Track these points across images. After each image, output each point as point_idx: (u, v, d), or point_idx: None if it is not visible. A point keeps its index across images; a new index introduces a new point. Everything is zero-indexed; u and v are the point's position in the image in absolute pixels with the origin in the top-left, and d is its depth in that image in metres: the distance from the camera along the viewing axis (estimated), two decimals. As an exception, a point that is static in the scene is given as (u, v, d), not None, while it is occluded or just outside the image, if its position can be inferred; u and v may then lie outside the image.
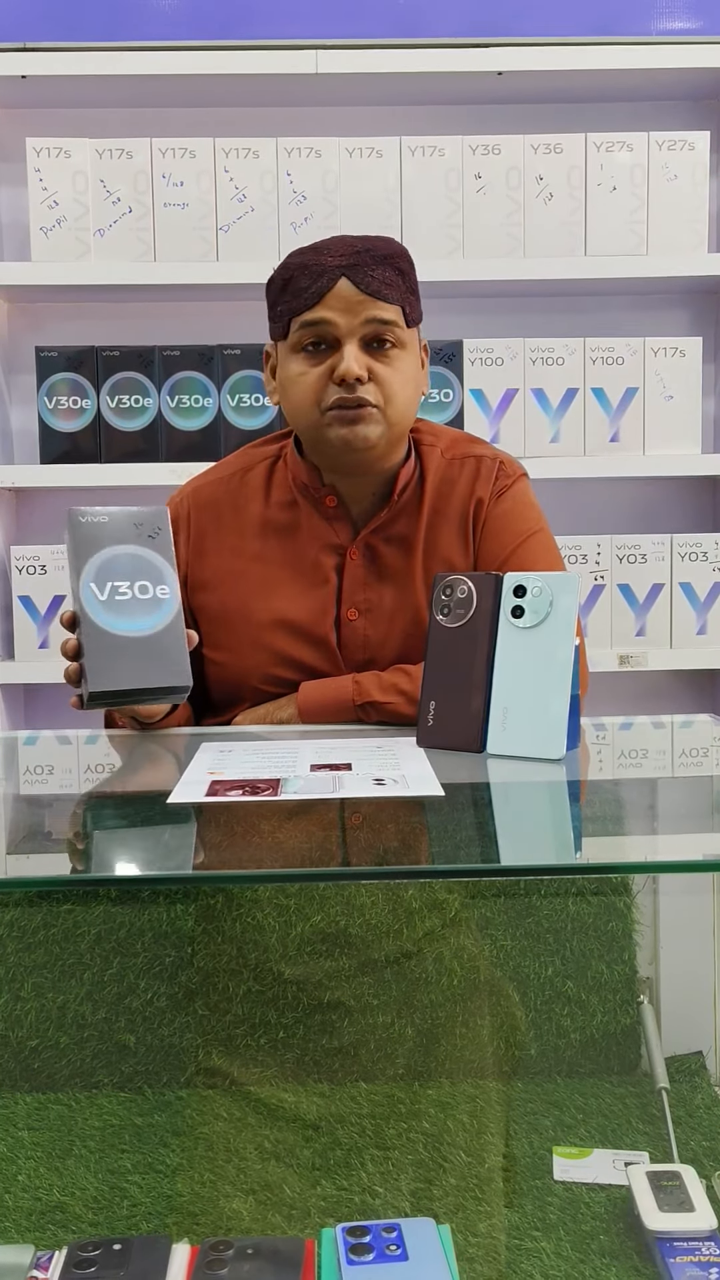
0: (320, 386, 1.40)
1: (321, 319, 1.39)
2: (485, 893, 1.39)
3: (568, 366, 2.26)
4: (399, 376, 1.41)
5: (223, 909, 1.34)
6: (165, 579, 1.28)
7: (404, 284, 1.42)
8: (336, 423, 1.40)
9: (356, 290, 1.38)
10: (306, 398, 1.41)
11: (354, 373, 1.37)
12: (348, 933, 1.30)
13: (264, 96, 2.32)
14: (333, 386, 1.39)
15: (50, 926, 1.38)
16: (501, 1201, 1.16)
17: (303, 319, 1.40)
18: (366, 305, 1.38)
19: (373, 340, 1.40)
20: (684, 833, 1.02)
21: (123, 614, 1.25)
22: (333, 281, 1.38)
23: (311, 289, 1.39)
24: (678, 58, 2.22)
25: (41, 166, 2.20)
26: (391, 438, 1.43)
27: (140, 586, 1.26)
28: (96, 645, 1.23)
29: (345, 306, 1.38)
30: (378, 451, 1.43)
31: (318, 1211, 1.14)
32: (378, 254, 1.40)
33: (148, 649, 1.24)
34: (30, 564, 2.26)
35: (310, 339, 1.40)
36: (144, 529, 1.29)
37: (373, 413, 1.40)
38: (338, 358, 1.39)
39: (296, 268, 1.41)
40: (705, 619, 2.29)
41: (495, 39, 2.23)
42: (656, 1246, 1.08)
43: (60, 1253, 1.04)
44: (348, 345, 1.38)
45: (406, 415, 1.44)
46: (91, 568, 1.25)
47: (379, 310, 1.39)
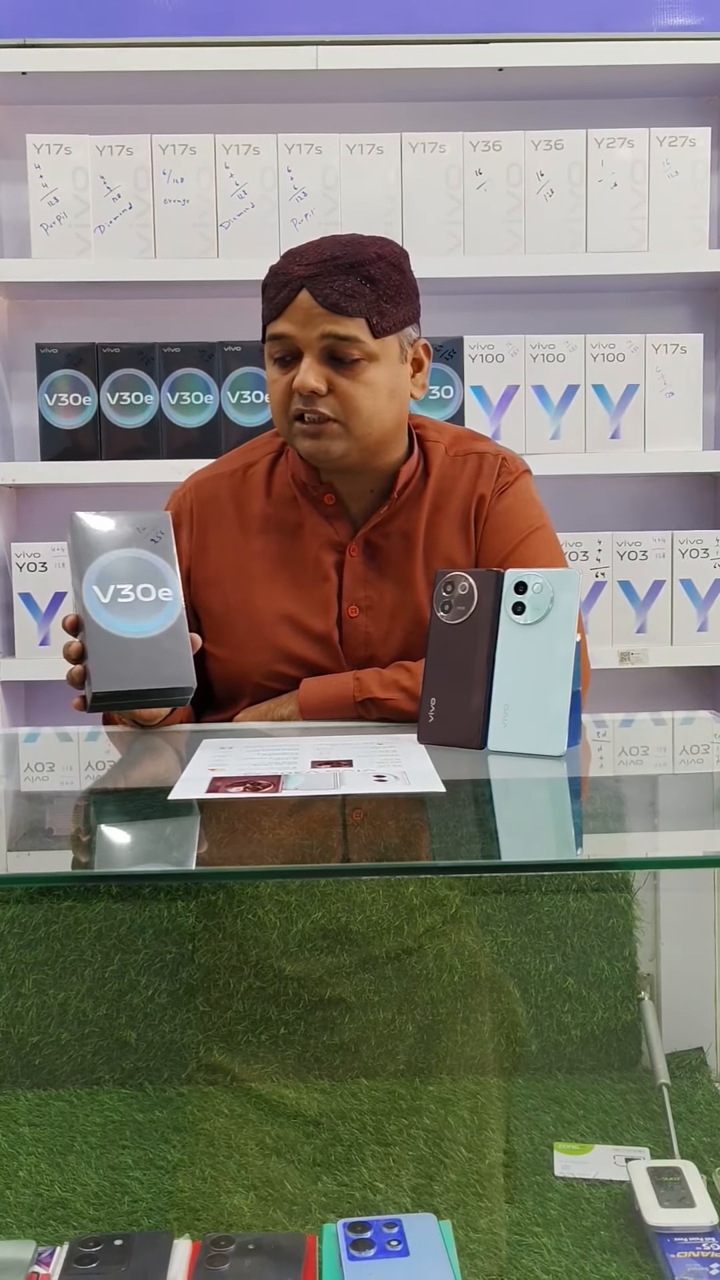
0: (286, 395, 1.41)
1: (281, 333, 1.39)
2: (486, 889, 1.39)
3: (568, 363, 2.26)
4: (362, 389, 1.39)
5: (224, 905, 1.35)
6: (168, 582, 1.28)
7: (372, 293, 1.38)
8: (301, 435, 1.41)
9: (315, 303, 1.37)
10: (277, 404, 1.43)
11: (308, 386, 1.37)
12: (349, 929, 1.30)
13: (264, 93, 2.32)
14: (296, 396, 1.39)
15: (51, 923, 1.38)
16: (502, 1197, 1.16)
17: (268, 330, 1.41)
18: (322, 320, 1.37)
19: (333, 354, 1.39)
20: (684, 829, 1.02)
21: (126, 616, 1.25)
22: (294, 293, 1.38)
23: (276, 299, 1.39)
24: (679, 54, 2.22)
25: (42, 163, 2.20)
26: (364, 448, 1.42)
27: (143, 589, 1.26)
28: (100, 647, 1.23)
29: (303, 319, 1.38)
30: (349, 460, 1.43)
31: (319, 1207, 1.14)
32: (345, 262, 1.37)
33: (151, 651, 1.24)
34: (31, 561, 2.26)
35: (276, 352, 1.41)
36: (146, 532, 1.29)
37: (333, 427, 1.39)
38: (296, 370, 1.39)
39: (272, 273, 1.42)
40: (706, 616, 2.29)
41: (496, 35, 2.22)
42: (657, 1242, 1.08)
43: (61, 1248, 1.04)
44: (305, 358, 1.38)
45: (378, 426, 1.42)
46: (94, 571, 1.25)
47: (335, 326, 1.37)
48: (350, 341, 1.38)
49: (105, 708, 1.26)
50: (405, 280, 1.43)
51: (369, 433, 1.41)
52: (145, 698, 1.25)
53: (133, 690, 1.23)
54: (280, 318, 1.39)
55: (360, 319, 1.38)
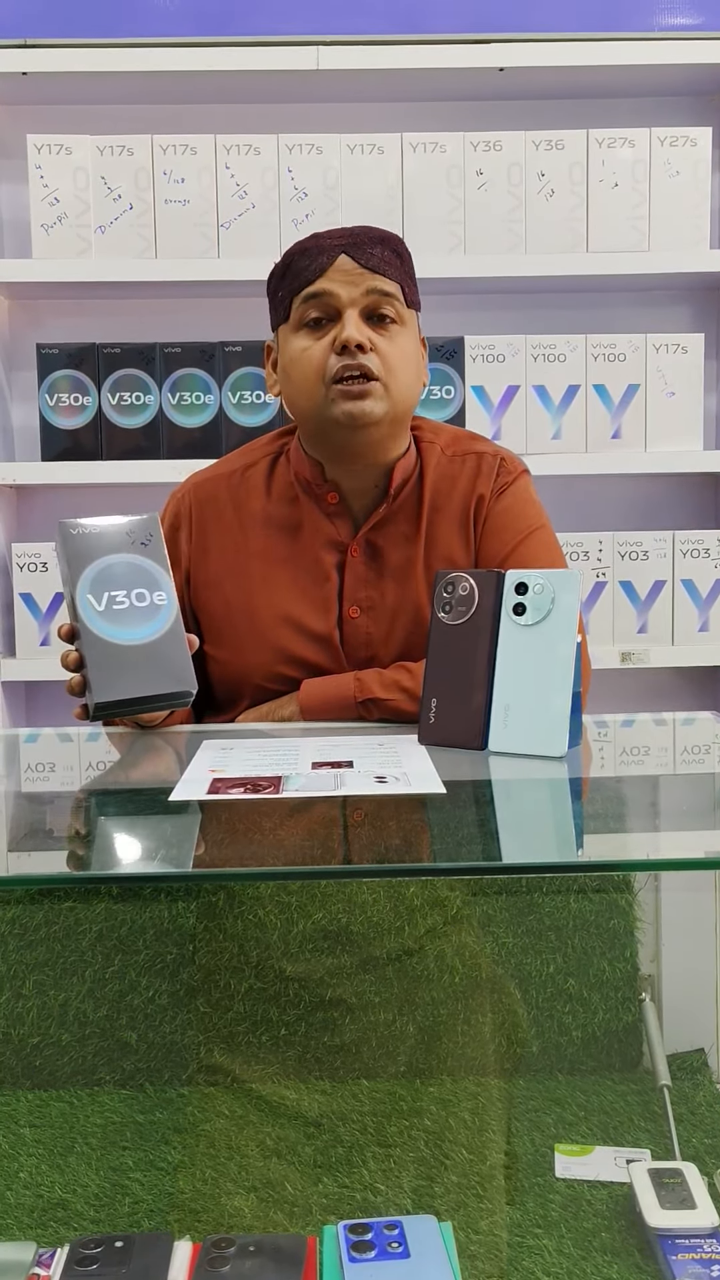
0: (323, 358, 1.40)
1: (323, 290, 1.40)
2: (487, 890, 1.39)
3: (569, 363, 2.26)
4: (399, 351, 1.41)
5: (224, 906, 1.34)
6: (161, 585, 1.27)
7: (401, 266, 1.44)
8: (341, 397, 1.39)
9: (356, 264, 1.40)
10: (310, 372, 1.41)
11: (355, 338, 1.38)
12: (349, 930, 1.30)
13: (265, 93, 2.32)
14: (335, 357, 1.39)
15: (52, 924, 1.38)
16: (503, 1199, 1.16)
17: (304, 293, 1.41)
18: (366, 277, 1.40)
19: (373, 313, 1.41)
20: (686, 830, 1.02)
21: (122, 623, 1.24)
22: (333, 258, 1.40)
23: (312, 266, 1.41)
24: (680, 54, 2.22)
25: (42, 163, 2.20)
26: (395, 415, 1.42)
27: (137, 594, 1.26)
28: (98, 656, 1.22)
29: (346, 278, 1.40)
30: (381, 430, 1.42)
31: (319, 1209, 1.14)
32: (376, 235, 1.43)
33: (149, 656, 1.24)
34: (31, 561, 2.25)
35: (313, 312, 1.41)
36: (135, 537, 1.28)
37: (376, 387, 1.39)
38: (339, 328, 1.39)
39: (296, 253, 1.43)
40: (707, 616, 2.29)
41: (497, 35, 2.22)
42: (658, 1244, 1.08)
43: (62, 1250, 1.04)
44: (348, 314, 1.39)
45: (408, 395, 1.44)
46: (87, 579, 1.25)
47: (379, 282, 1.40)
48: (391, 298, 1.41)
49: (107, 716, 1.25)
50: (414, 269, 1.48)
51: (404, 398, 1.42)
52: (147, 704, 1.25)
53: (134, 698, 1.23)
54: (319, 279, 1.40)
55: (396, 284, 1.42)
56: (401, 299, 1.42)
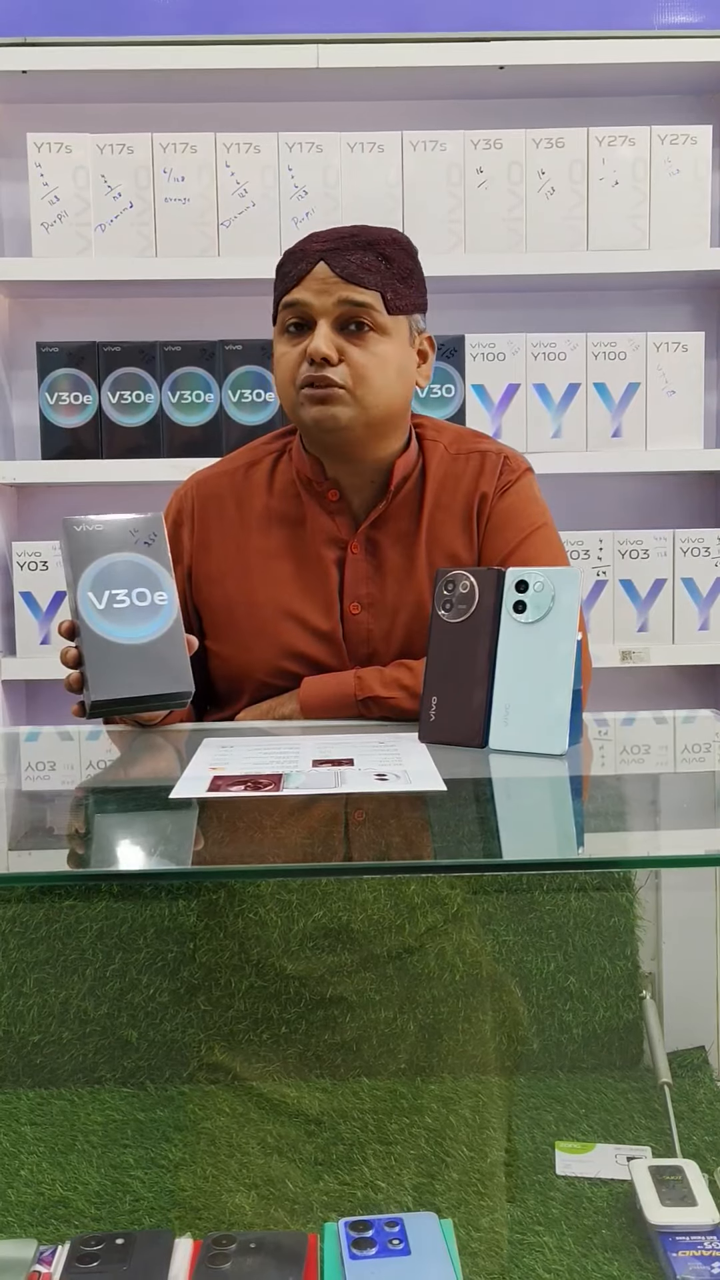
0: (296, 365, 1.42)
1: (296, 300, 1.41)
2: (487, 888, 1.39)
3: (570, 361, 2.26)
4: (373, 360, 1.41)
5: (225, 904, 1.35)
6: (163, 585, 1.27)
7: (388, 269, 1.42)
8: (308, 402, 1.41)
9: (331, 272, 1.40)
10: (285, 376, 1.44)
11: (320, 351, 1.39)
12: (350, 928, 1.30)
13: (265, 91, 2.31)
14: (306, 365, 1.40)
15: (53, 922, 1.38)
16: (504, 1196, 1.16)
17: (283, 300, 1.43)
18: (339, 287, 1.40)
19: (348, 322, 1.41)
20: (686, 828, 1.02)
21: (122, 622, 1.24)
22: (311, 265, 1.41)
23: (293, 272, 1.42)
24: (680, 52, 2.22)
25: (42, 162, 2.20)
26: (369, 420, 1.42)
27: (138, 594, 1.26)
28: (97, 654, 1.23)
29: (320, 288, 1.40)
30: (353, 434, 1.43)
31: (320, 1206, 1.14)
32: (362, 240, 1.42)
33: (148, 656, 1.24)
34: (32, 560, 2.25)
35: (291, 320, 1.43)
36: (139, 536, 1.29)
37: (340, 394, 1.40)
38: (310, 337, 1.40)
39: (286, 255, 1.45)
40: (707, 614, 2.29)
41: (496, 33, 2.22)
42: (659, 1241, 1.08)
43: (63, 1247, 1.04)
44: (320, 325, 1.40)
45: (386, 400, 1.43)
46: (89, 576, 1.25)
47: (351, 293, 1.40)
48: (364, 308, 1.41)
49: (104, 714, 1.26)
50: (416, 267, 1.47)
51: (376, 404, 1.42)
52: (144, 703, 1.25)
53: (131, 697, 1.23)
54: (296, 288, 1.41)
55: (375, 292, 1.41)
56: (381, 307, 1.41)
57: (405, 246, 1.45)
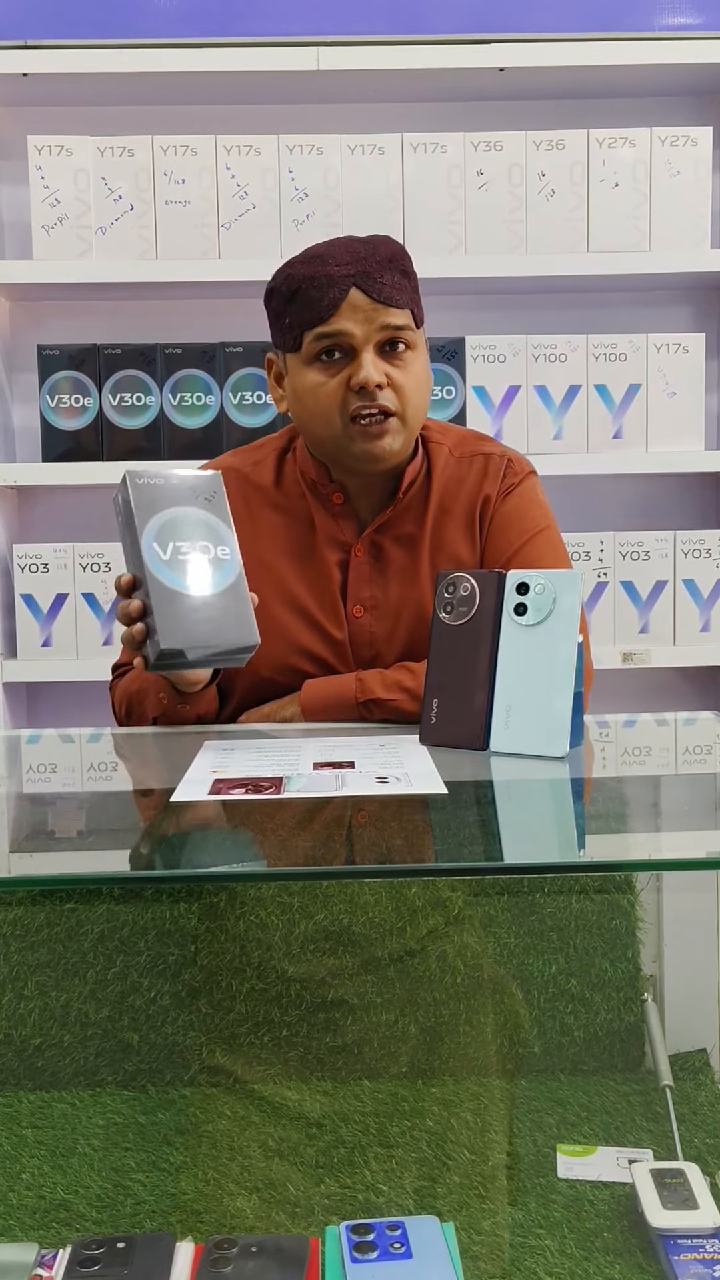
0: (339, 394, 1.40)
1: (338, 330, 1.39)
2: (488, 890, 1.39)
3: (570, 363, 2.26)
4: (413, 380, 1.42)
5: (226, 907, 1.34)
6: (225, 540, 1.27)
7: (409, 285, 1.43)
8: (360, 437, 1.40)
9: (368, 299, 1.38)
10: (328, 408, 1.41)
11: (374, 380, 1.38)
12: (351, 931, 1.30)
13: (265, 93, 2.32)
14: (352, 395, 1.39)
15: (53, 925, 1.38)
16: (505, 1199, 1.16)
17: (317, 331, 1.39)
18: (380, 313, 1.39)
19: (386, 345, 1.41)
20: (687, 830, 1.02)
21: (187, 574, 1.24)
22: (344, 292, 1.38)
23: (324, 301, 1.38)
24: (680, 53, 2.22)
25: (43, 164, 2.20)
26: (409, 440, 1.45)
27: (202, 547, 1.25)
28: (165, 604, 1.21)
29: (361, 316, 1.38)
30: (399, 458, 1.45)
31: (321, 1209, 1.14)
32: (381, 258, 1.40)
33: (215, 608, 1.23)
34: (33, 562, 2.25)
35: (325, 347, 1.40)
36: (200, 492, 1.28)
37: (394, 423, 1.41)
38: (355, 366, 1.39)
39: (303, 279, 1.40)
40: (709, 616, 2.29)
41: (497, 35, 2.22)
42: (660, 1244, 1.08)
43: (64, 1251, 1.04)
44: (365, 353, 1.39)
45: (421, 415, 1.46)
46: (153, 528, 1.24)
47: (392, 317, 1.39)
48: (403, 330, 1.41)
49: (168, 666, 1.24)
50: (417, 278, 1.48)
51: (416, 422, 1.44)
52: (210, 656, 1.24)
53: (199, 648, 1.22)
54: (333, 318, 1.38)
55: (407, 310, 1.42)
56: (413, 324, 1.42)
57: (408, 255, 1.45)
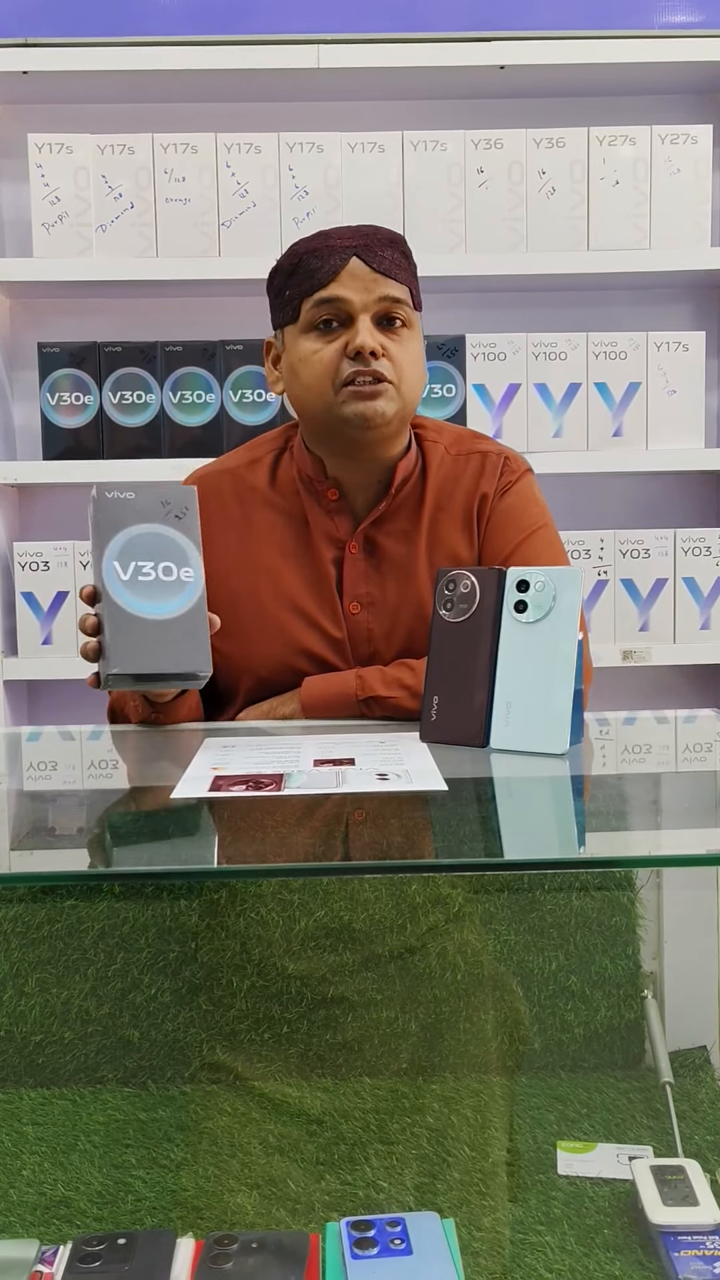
0: (335, 362, 1.40)
1: (336, 296, 1.40)
2: (489, 887, 1.39)
3: (570, 361, 2.26)
4: (409, 355, 1.43)
5: (226, 904, 1.35)
6: (190, 561, 1.26)
7: (409, 267, 1.45)
8: (353, 398, 1.40)
9: (368, 268, 1.40)
10: (321, 374, 1.41)
11: (370, 345, 1.39)
12: (351, 928, 1.30)
13: (265, 91, 2.31)
14: (347, 361, 1.40)
15: (54, 922, 1.38)
16: (506, 1196, 1.16)
17: (316, 297, 1.41)
18: (379, 283, 1.40)
19: (384, 318, 1.42)
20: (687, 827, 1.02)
21: (145, 595, 1.23)
22: (344, 260, 1.40)
23: (324, 268, 1.41)
24: (680, 51, 2.22)
25: (43, 162, 2.20)
26: (404, 415, 1.44)
27: (164, 568, 1.24)
28: (117, 626, 1.21)
29: (359, 284, 1.40)
30: (391, 429, 1.43)
31: (322, 1206, 1.14)
32: (383, 237, 1.43)
33: (169, 632, 1.22)
34: (33, 560, 2.26)
35: (324, 316, 1.41)
36: (171, 508, 1.27)
37: (388, 388, 1.41)
38: (351, 333, 1.40)
39: (304, 253, 1.43)
40: (709, 614, 2.29)
41: (497, 33, 2.22)
42: (661, 1240, 1.08)
43: (65, 1247, 1.04)
44: (361, 320, 1.40)
45: (416, 396, 1.46)
46: (115, 546, 1.23)
47: (391, 288, 1.41)
48: (401, 304, 1.42)
49: (119, 686, 1.25)
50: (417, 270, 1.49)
51: (411, 398, 1.44)
52: (161, 680, 1.24)
53: (148, 673, 1.22)
54: (332, 284, 1.40)
55: (405, 289, 1.43)
56: (410, 302, 1.44)
57: (408, 244, 1.47)
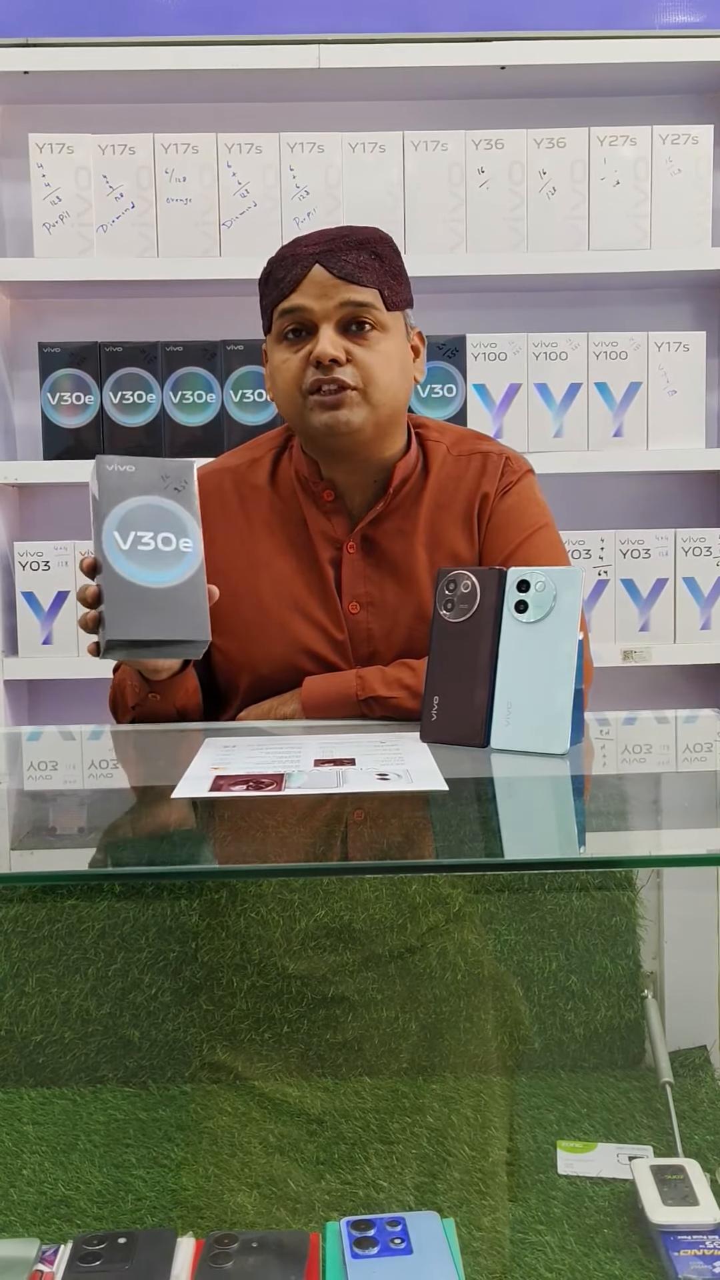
0: (300, 370, 1.41)
1: (296, 305, 1.41)
2: (489, 887, 1.39)
3: (571, 361, 2.26)
4: (379, 358, 1.42)
5: (227, 904, 1.35)
6: (189, 532, 1.26)
7: (381, 268, 1.43)
8: (318, 408, 1.41)
9: (329, 275, 1.40)
10: (290, 383, 1.42)
11: (328, 354, 1.38)
12: (352, 927, 1.30)
13: (266, 92, 2.32)
14: (311, 369, 1.40)
15: (54, 921, 1.38)
16: (506, 1195, 1.16)
17: (281, 307, 1.42)
18: (339, 289, 1.40)
19: (350, 323, 1.41)
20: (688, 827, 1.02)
21: (145, 564, 1.23)
22: (306, 269, 1.40)
23: (287, 278, 1.41)
24: (681, 52, 2.22)
25: (44, 162, 2.20)
26: (379, 420, 1.43)
27: (164, 538, 1.25)
28: (116, 594, 1.21)
29: (319, 291, 1.40)
30: (365, 435, 1.43)
31: (322, 1205, 1.14)
32: (352, 240, 1.42)
33: (168, 600, 1.23)
34: (34, 560, 2.26)
35: (290, 325, 1.42)
36: (170, 481, 1.28)
37: (352, 395, 1.40)
38: (314, 341, 1.40)
39: (275, 261, 1.44)
40: (709, 614, 2.29)
41: (498, 33, 2.22)
42: (661, 1240, 1.08)
43: (65, 1246, 1.04)
44: (323, 328, 1.40)
45: (392, 397, 1.44)
46: (115, 516, 1.24)
47: (352, 293, 1.40)
48: (365, 308, 1.41)
49: (118, 656, 1.25)
50: (402, 263, 1.48)
51: (384, 402, 1.43)
52: (159, 648, 1.24)
53: (147, 640, 1.22)
54: (294, 293, 1.41)
55: (374, 289, 1.42)
56: (380, 305, 1.42)
57: (392, 244, 1.46)
